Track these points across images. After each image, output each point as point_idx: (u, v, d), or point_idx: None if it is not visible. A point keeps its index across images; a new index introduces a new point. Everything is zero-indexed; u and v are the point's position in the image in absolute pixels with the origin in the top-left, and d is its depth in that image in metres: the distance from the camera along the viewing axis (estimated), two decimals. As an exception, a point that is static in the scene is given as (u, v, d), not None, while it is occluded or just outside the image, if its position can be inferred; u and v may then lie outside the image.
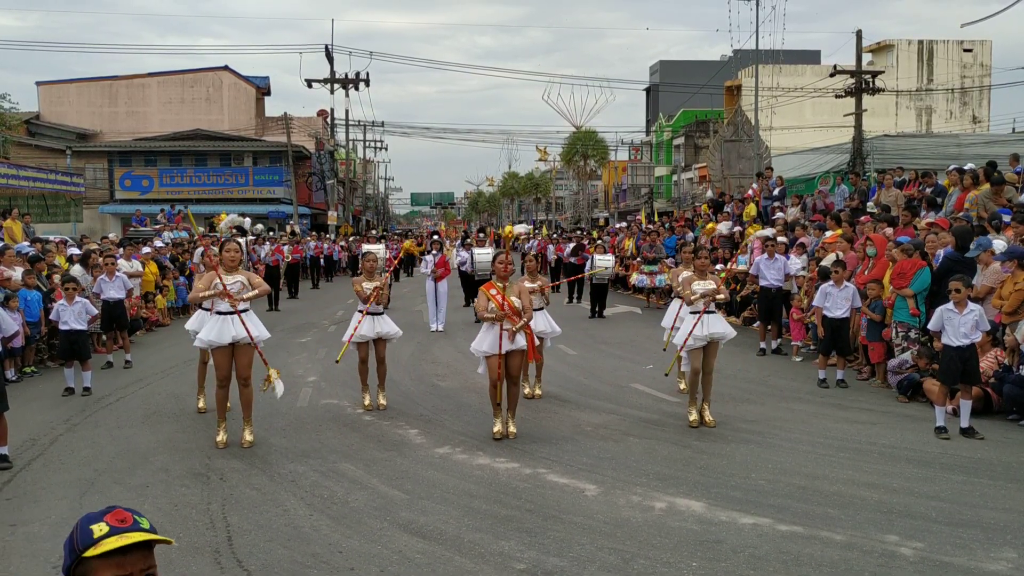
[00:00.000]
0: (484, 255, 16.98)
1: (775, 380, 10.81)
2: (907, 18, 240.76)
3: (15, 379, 10.85)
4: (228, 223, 7.85)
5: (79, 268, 13.82)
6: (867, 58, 37.39)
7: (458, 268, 18.71)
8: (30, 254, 13.31)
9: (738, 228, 18.40)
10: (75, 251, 15.93)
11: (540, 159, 68.29)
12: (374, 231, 29.45)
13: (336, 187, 45.63)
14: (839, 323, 10.29)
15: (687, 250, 9.21)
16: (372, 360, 9.10)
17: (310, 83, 41.39)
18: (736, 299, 16.21)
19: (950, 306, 7.89)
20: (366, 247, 18.17)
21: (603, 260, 18.22)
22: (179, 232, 24.56)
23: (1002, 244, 10.04)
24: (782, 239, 13.84)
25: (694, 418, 8.19)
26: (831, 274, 10.48)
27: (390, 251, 21.11)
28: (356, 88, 41.94)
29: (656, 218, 29.84)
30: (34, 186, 24.29)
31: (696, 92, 47.53)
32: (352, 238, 36.39)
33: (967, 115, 46.14)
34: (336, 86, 41.71)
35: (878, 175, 18.24)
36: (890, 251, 10.59)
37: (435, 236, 21.06)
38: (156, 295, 17.21)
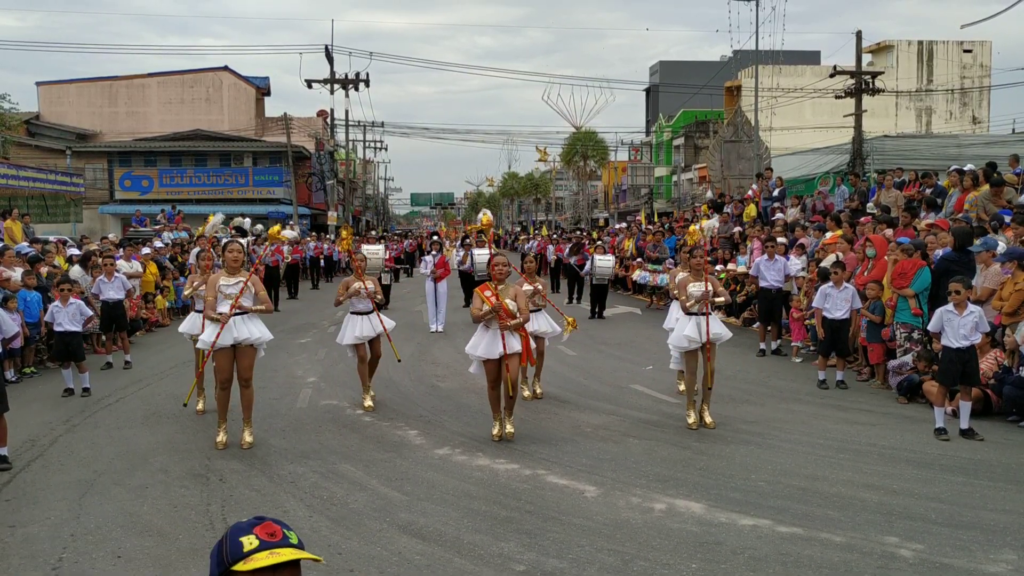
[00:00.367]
0: (484, 256, 16.98)
1: (775, 381, 10.81)
2: (907, 19, 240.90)
3: (14, 380, 10.84)
4: (212, 228, 7.85)
5: (78, 269, 13.81)
6: (867, 59, 37.41)
7: (458, 268, 18.72)
8: (30, 255, 13.30)
9: (738, 228, 18.40)
10: (75, 251, 15.92)
11: (540, 159, 68.22)
12: (373, 232, 29.43)
13: (336, 187, 45.61)
14: (839, 324, 10.28)
15: (686, 250, 9.23)
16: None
17: (310, 83, 41.37)
18: (735, 300, 16.22)
19: (950, 307, 7.89)
20: (366, 247, 18.17)
21: (603, 260, 18.21)
22: (179, 232, 24.56)
23: (1001, 245, 10.04)
24: (782, 240, 13.84)
25: (693, 420, 8.20)
26: (830, 275, 10.48)
27: (389, 251, 21.10)
28: (356, 88, 41.90)
29: (656, 219, 29.86)
30: (34, 186, 24.28)
31: (696, 93, 47.53)
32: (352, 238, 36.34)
33: (967, 116, 46.17)
34: (336, 86, 41.67)
35: (878, 176, 18.24)
36: (892, 252, 10.57)
37: (435, 236, 21.05)
38: (156, 296, 17.21)
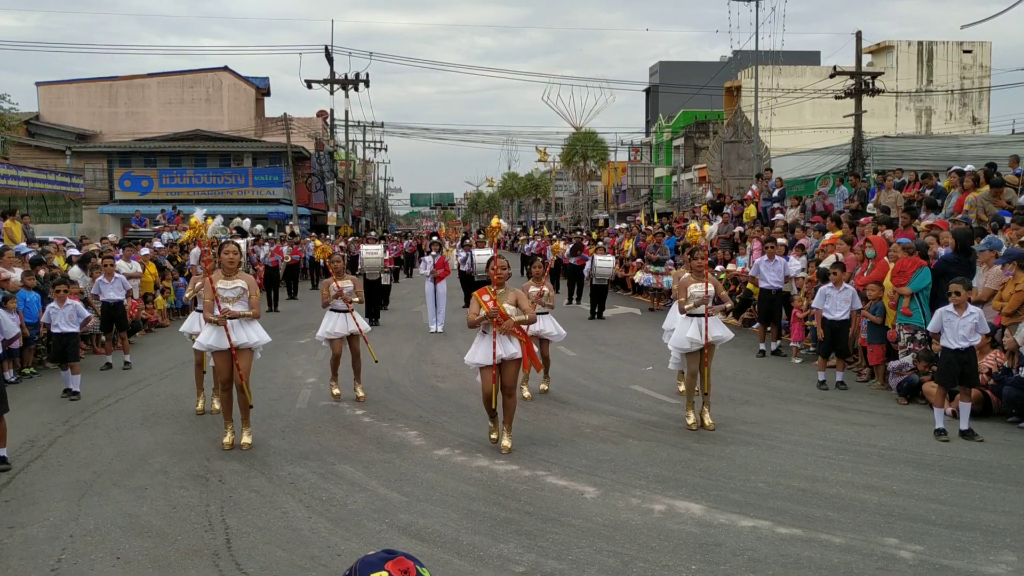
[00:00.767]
0: (483, 256, 16.98)
1: (775, 382, 10.81)
2: (907, 19, 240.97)
3: (14, 380, 10.81)
4: (213, 229, 7.62)
5: (77, 269, 13.80)
6: (867, 59, 37.41)
7: (458, 269, 18.72)
8: (31, 255, 13.30)
9: (739, 229, 18.40)
10: (74, 252, 15.91)
11: (540, 160, 68.20)
12: (373, 232, 29.41)
13: (336, 188, 45.60)
14: (838, 325, 10.27)
15: (688, 251, 9.23)
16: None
17: (310, 84, 41.36)
18: (735, 300, 16.21)
19: (950, 308, 7.89)
20: (365, 247, 18.17)
21: (603, 261, 18.20)
22: (179, 233, 24.55)
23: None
24: (782, 241, 13.83)
25: (692, 421, 8.18)
26: (830, 276, 10.47)
27: (389, 251, 21.08)
28: (356, 89, 41.89)
29: (656, 219, 29.84)
30: (33, 187, 24.24)
31: (696, 93, 47.52)
32: (351, 239, 36.36)
33: (967, 116, 46.16)
34: (336, 87, 41.67)
35: (878, 176, 18.23)
36: (893, 253, 10.55)
37: (435, 237, 21.04)
38: (156, 296, 17.20)
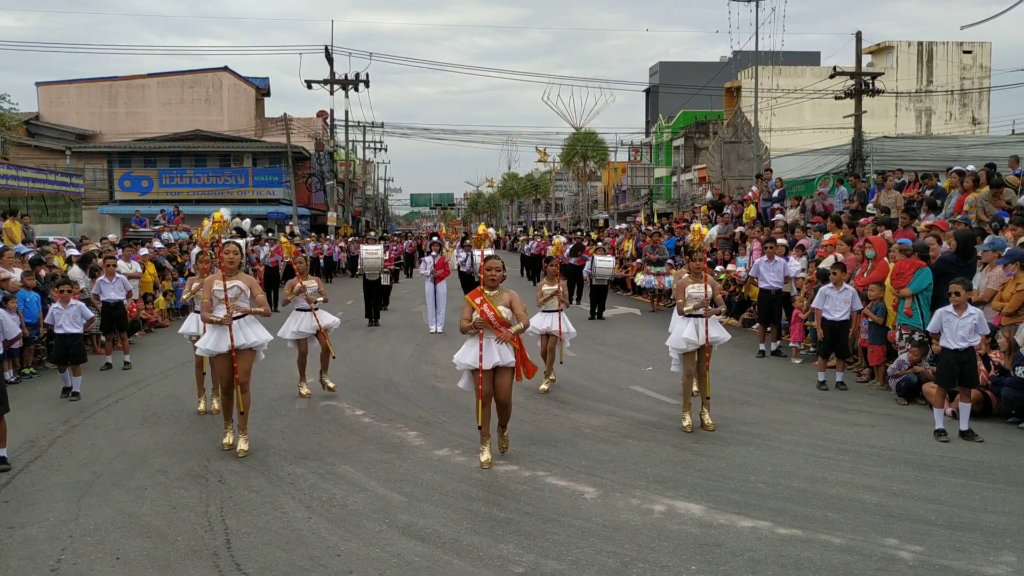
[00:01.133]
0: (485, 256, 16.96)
1: (774, 382, 10.81)
2: (907, 19, 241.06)
3: (14, 380, 10.81)
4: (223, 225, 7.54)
5: (78, 270, 13.80)
6: (867, 59, 37.43)
7: (458, 269, 18.71)
8: (31, 256, 13.30)
9: (739, 229, 18.41)
10: (74, 252, 15.91)
11: (540, 160, 68.31)
12: (373, 232, 29.44)
13: (336, 188, 45.61)
14: (838, 325, 10.27)
15: (687, 252, 9.25)
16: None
17: (310, 84, 41.40)
18: (733, 301, 16.21)
19: (949, 308, 7.89)
20: (365, 247, 18.18)
21: (603, 261, 18.19)
22: (178, 233, 24.57)
23: (1000, 247, 10.02)
24: (782, 241, 13.82)
25: (688, 423, 8.13)
26: (830, 276, 10.47)
27: (389, 252, 21.08)
28: (356, 89, 41.93)
29: (655, 219, 29.85)
30: (33, 187, 24.24)
31: (696, 93, 47.57)
32: (351, 239, 36.37)
33: (967, 117, 46.18)
34: (336, 87, 41.70)
35: (878, 177, 18.24)
36: (893, 254, 10.55)
37: (435, 237, 21.03)
38: (157, 296, 17.19)
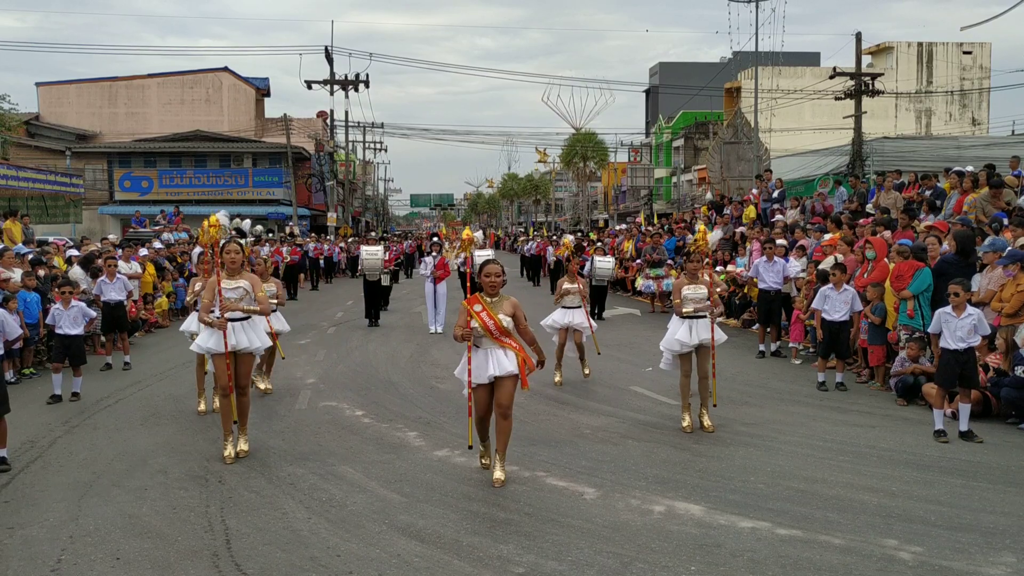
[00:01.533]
0: (485, 257, 16.97)
1: (774, 383, 10.81)
2: (906, 20, 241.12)
3: (14, 381, 10.79)
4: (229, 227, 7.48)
5: (79, 270, 13.79)
6: (866, 60, 37.45)
7: (458, 269, 18.71)
8: (31, 256, 13.30)
9: (740, 229, 18.41)
10: (74, 252, 15.91)
11: (540, 161, 68.28)
12: (373, 232, 29.48)
13: (336, 188, 45.61)
14: (838, 326, 10.27)
15: (685, 252, 9.25)
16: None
17: (310, 84, 41.41)
18: (734, 301, 16.21)
19: (949, 309, 7.89)
20: (365, 248, 18.18)
21: (603, 262, 18.18)
22: (179, 234, 24.58)
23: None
24: (781, 242, 13.83)
25: (687, 424, 8.13)
26: (830, 277, 10.47)
27: (389, 252, 21.09)
28: (356, 89, 41.94)
29: (655, 220, 29.87)
30: (33, 187, 24.23)
31: (696, 94, 47.59)
32: (351, 239, 36.38)
33: (966, 117, 46.21)
34: (336, 87, 41.71)
35: (877, 177, 18.25)
36: (892, 255, 10.55)
37: (435, 238, 21.03)
38: (159, 297, 17.19)
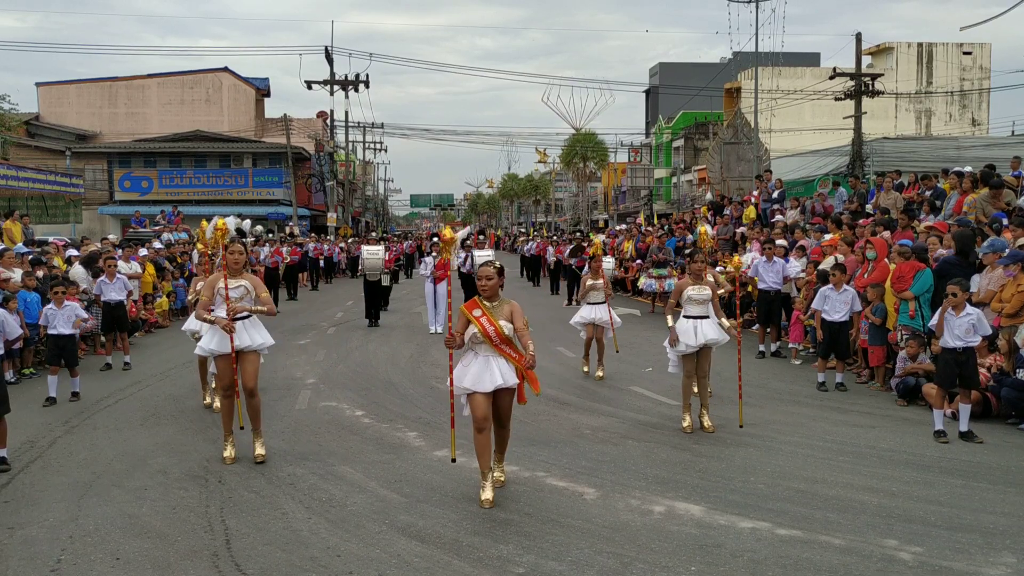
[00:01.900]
0: (485, 257, 16.99)
1: (774, 383, 10.81)
2: (906, 21, 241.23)
3: (14, 381, 10.78)
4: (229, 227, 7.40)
5: (80, 270, 13.78)
6: (866, 60, 37.46)
7: (458, 269, 18.70)
8: (31, 256, 13.29)
9: (741, 229, 18.41)
10: (73, 252, 15.90)
11: (539, 161, 68.30)
12: (374, 233, 29.47)
13: (336, 189, 45.61)
14: (838, 327, 10.27)
15: (688, 253, 9.27)
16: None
17: (310, 85, 41.41)
18: (735, 302, 16.18)
19: (948, 309, 7.89)
20: (365, 248, 18.18)
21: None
22: (178, 234, 24.57)
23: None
24: (781, 242, 13.82)
25: (687, 424, 8.14)
26: (830, 277, 10.47)
27: (390, 252, 21.09)
28: (356, 90, 41.92)
29: (655, 220, 29.86)
30: (33, 187, 24.24)
31: (696, 94, 47.60)
32: (351, 239, 36.38)
33: (966, 118, 46.22)
34: (336, 88, 41.70)
35: (877, 178, 18.25)
36: (892, 256, 10.55)
37: (435, 238, 21.03)
38: (159, 297, 17.19)
